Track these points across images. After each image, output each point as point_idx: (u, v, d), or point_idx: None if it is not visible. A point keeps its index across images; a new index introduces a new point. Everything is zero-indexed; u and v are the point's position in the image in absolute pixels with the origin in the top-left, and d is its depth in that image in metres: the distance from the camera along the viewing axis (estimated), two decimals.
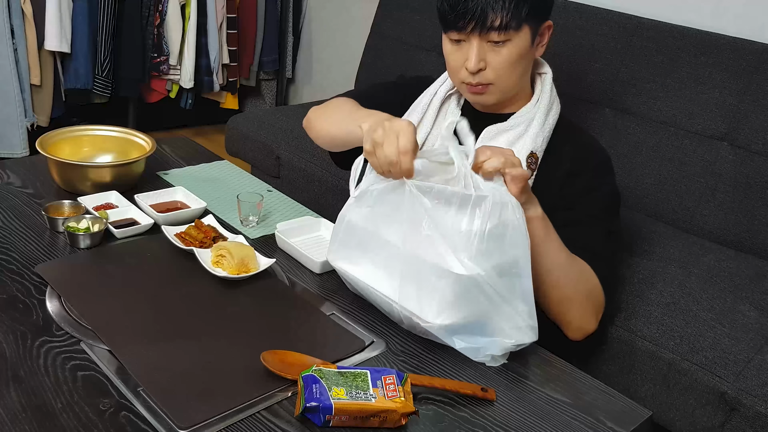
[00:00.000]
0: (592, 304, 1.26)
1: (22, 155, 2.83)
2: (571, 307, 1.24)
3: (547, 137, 1.31)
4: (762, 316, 1.57)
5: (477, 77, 1.25)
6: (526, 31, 1.23)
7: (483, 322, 1.06)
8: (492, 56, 1.24)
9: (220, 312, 1.14)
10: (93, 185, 1.46)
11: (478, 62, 1.23)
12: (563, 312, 1.24)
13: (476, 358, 1.08)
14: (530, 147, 1.29)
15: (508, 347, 1.07)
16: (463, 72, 1.26)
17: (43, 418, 0.89)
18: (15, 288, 1.15)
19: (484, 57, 1.24)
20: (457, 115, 1.39)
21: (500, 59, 1.24)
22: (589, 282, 1.24)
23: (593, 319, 1.27)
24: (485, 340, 1.07)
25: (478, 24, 1.20)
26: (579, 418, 1.00)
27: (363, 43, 2.82)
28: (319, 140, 1.44)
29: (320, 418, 0.91)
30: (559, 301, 1.22)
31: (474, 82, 1.26)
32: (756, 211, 1.85)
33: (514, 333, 1.07)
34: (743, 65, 1.90)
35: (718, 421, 1.45)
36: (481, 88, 1.27)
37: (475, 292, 1.02)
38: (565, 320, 1.25)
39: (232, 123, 2.64)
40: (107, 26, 2.95)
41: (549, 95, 1.33)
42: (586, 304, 1.25)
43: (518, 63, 1.25)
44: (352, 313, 1.18)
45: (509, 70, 1.25)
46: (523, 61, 1.27)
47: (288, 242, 1.34)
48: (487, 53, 1.24)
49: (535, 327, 1.08)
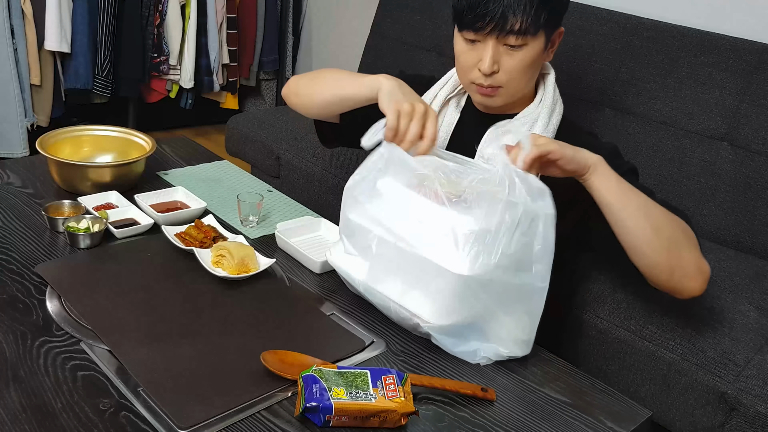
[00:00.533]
0: (694, 242, 1.18)
1: (22, 155, 2.83)
2: (681, 248, 1.15)
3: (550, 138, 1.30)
4: (762, 316, 1.57)
5: (489, 79, 1.24)
6: (541, 37, 1.23)
7: (480, 326, 1.06)
8: (506, 59, 1.23)
9: (220, 312, 1.14)
10: (93, 185, 1.46)
11: (493, 65, 1.22)
12: (675, 257, 1.14)
13: (473, 360, 1.08)
14: None
15: (502, 356, 1.08)
16: (474, 72, 1.25)
17: (43, 418, 0.89)
18: (15, 288, 1.15)
19: (499, 60, 1.23)
20: (455, 118, 1.39)
21: (514, 63, 1.23)
22: (677, 219, 1.17)
23: (701, 255, 1.18)
24: (479, 344, 1.07)
25: (497, 27, 1.19)
26: (579, 418, 1.00)
27: (363, 43, 2.82)
28: (308, 106, 1.41)
29: (320, 418, 0.91)
30: (667, 246, 1.13)
31: (485, 84, 1.25)
32: (756, 211, 1.85)
33: (511, 344, 1.07)
34: (743, 65, 1.90)
35: (718, 421, 1.45)
36: (491, 91, 1.26)
37: (477, 294, 1.02)
38: (681, 268, 1.15)
39: (232, 123, 2.64)
40: (107, 26, 2.95)
41: (552, 96, 1.33)
42: (690, 241, 1.16)
43: (530, 68, 1.25)
44: (352, 313, 1.18)
45: (521, 74, 1.24)
46: (535, 65, 1.27)
47: (288, 242, 1.34)
48: (502, 56, 1.23)
49: (531, 342, 1.09)
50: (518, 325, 1.06)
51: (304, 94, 1.41)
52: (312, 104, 1.40)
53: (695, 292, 1.18)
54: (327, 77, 1.37)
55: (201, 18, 3.19)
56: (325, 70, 1.42)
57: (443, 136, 1.38)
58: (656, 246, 1.13)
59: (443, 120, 1.39)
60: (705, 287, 1.18)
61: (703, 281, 1.18)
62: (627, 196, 1.13)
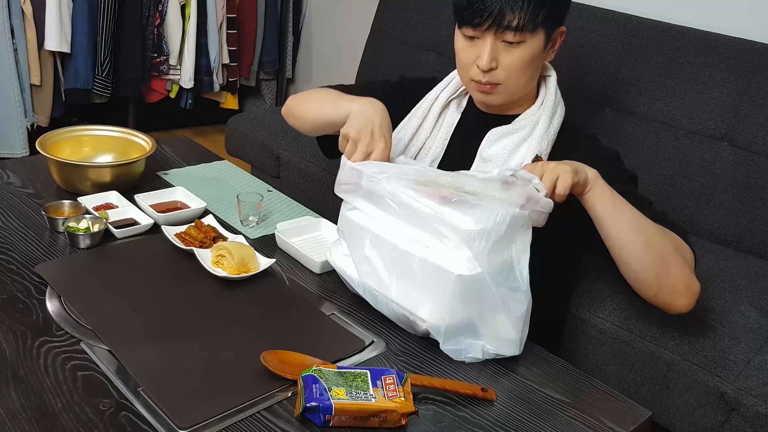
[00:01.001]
0: (684, 258, 1.17)
1: (22, 155, 2.83)
2: (669, 266, 1.14)
3: (552, 140, 1.31)
4: (762, 316, 1.57)
5: (487, 76, 1.25)
6: (540, 35, 1.23)
7: (475, 325, 1.06)
8: (504, 56, 1.23)
9: (220, 312, 1.14)
10: (93, 185, 1.46)
11: (491, 61, 1.23)
12: (663, 275, 1.14)
13: (457, 357, 1.08)
14: (535, 150, 1.28)
15: (489, 354, 1.08)
16: (473, 69, 1.26)
17: (43, 418, 0.89)
18: (15, 288, 1.15)
19: (497, 56, 1.23)
20: (456, 118, 1.39)
21: (512, 60, 1.23)
22: (670, 235, 1.17)
23: (692, 273, 1.17)
24: (469, 342, 1.07)
25: (494, 23, 1.19)
26: (579, 418, 1.00)
27: (363, 43, 2.82)
28: (303, 128, 1.43)
29: (320, 418, 0.91)
30: (656, 263, 1.13)
31: (483, 81, 1.26)
32: (756, 211, 1.85)
33: (498, 343, 1.07)
34: (743, 65, 1.90)
35: (718, 421, 1.45)
36: (489, 88, 1.27)
37: (473, 293, 1.02)
38: (668, 285, 1.15)
39: (232, 123, 2.64)
40: (107, 26, 2.95)
41: (554, 98, 1.33)
42: (680, 258, 1.15)
43: (529, 66, 1.25)
44: (352, 313, 1.18)
45: (520, 71, 1.25)
46: (534, 64, 1.27)
47: (288, 242, 1.34)
48: (500, 53, 1.23)
49: (521, 341, 1.09)
50: (509, 321, 1.06)
51: (297, 115, 1.43)
52: (305, 126, 1.42)
53: (682, 309, 1.18)
54: (316, 100, 1.38)
55: (201, 18, 3.19)
56: (317, 92, 1.42)
57: (443, 136, 1.38)
58: (645, 262, 1.14)
59: (444, 121, 1.39)
60: (693, 304, 1.18)
61: (691, 299, 1.17)
62: (620, 212, 1.14)
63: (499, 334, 1.07)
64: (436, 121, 1.39)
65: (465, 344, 1.07)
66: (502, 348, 1.08)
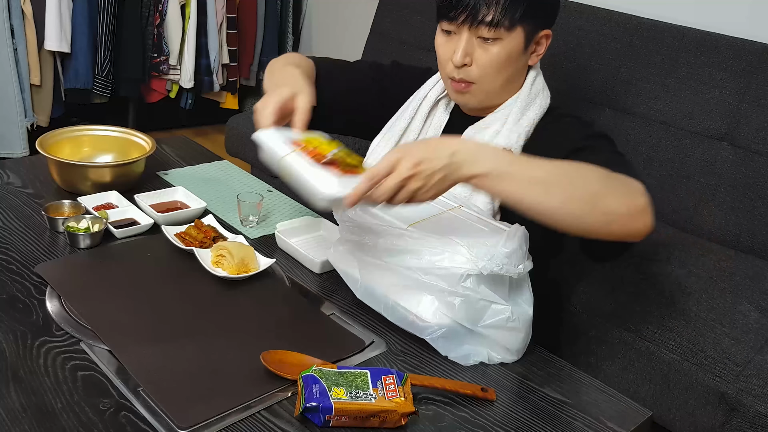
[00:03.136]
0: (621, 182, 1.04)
1: (22, 155, 2.83)
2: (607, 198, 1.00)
3: (526, 132, 1.25)
4: (762, 316, 1.57)
5: (462, 73, 1.23)
6: (519, 34, 1.21)
7: (475, 330, 1.06)
8: (480, 53, 1.21)
9: (220, 312, 1.14)
10: (93, 185, 1.46)
11: (464, 56, 1.21)
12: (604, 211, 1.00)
13: (466, 363, 1.08)
14: (503, 144, 1.24)
15: (494, 361, 1.09)
16: (449, 65, 1.24)
17: (43, 418, 0.88)
18: (15, 288, 1.15)
19: (472, 52, 1.22)
20: (445, 119, 1.38)
21: (487, 57, 1.21)
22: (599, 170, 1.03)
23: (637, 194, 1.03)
24: (472, 348, 1.07)
25: (469, 16, 1.18)
26: (579, 418, 1.00)
27: (363, 43, 2.82)
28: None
29: (320, 418, 0.91)
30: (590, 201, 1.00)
31: (457, 78, 1.24)
32: (756, 211, 1.86)
33: (503, 352, 1.08)
34: (743, 65, 1.90)
35: (718, 421, 1.45)
36: (464, 86, 1.25)
37: (476, 296, 1.02)
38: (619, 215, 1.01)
39: (232, 123, 2.64)
40: (107, 26, 2.95)
41: (529, 89, 1.29)
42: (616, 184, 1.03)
43: (506, 66, 1.23)
44: (352, 313, 1.18)
45: (494, 70, 1.22)
46: (512, 65, 1.24)
47: (288, 242, 1.34)
48: (476, 49, 1.21)
49: (522, 351, 1.10)
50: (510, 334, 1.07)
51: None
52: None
53: (645, 228, 1.03)
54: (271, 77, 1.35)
55: (201, 18, 3.19)
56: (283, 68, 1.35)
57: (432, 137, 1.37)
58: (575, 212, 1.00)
59: (432, 122, 1.38)
60: (651, 219, 1.03)
61: (646, 216, 1.02)
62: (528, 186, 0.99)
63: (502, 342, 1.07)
64: (424, 121, 1.37)
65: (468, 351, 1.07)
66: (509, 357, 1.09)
